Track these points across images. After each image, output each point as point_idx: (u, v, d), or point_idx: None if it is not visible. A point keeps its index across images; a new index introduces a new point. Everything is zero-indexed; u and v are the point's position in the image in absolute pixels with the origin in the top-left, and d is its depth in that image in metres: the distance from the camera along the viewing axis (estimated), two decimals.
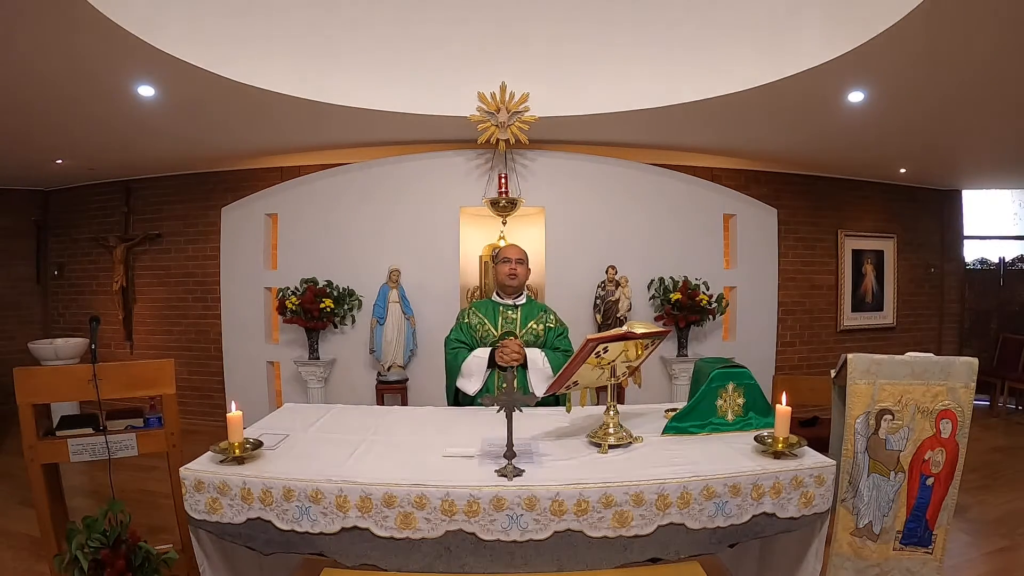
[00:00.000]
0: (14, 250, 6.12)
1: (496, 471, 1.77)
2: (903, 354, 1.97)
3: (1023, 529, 3.25)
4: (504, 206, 4.57)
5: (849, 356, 1.96)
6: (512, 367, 2.66)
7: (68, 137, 4.52)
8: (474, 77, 4.21)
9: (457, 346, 2.78)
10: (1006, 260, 6.86)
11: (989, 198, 6.99)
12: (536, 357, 2.70)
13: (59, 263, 6.20)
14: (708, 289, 4.92)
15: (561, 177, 5.01)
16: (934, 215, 6.70)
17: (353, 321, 4.89)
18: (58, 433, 2.60)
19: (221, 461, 1.85)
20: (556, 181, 4.99)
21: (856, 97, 3.81)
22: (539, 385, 2.61)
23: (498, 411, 1.82)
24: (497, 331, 2.79)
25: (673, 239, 5.15)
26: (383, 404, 4.63)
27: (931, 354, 1.97)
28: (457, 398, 2.80)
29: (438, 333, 4.22)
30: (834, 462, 1.91)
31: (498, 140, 4.45)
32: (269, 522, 1.74)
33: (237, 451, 1.86)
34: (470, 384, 2.68)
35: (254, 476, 1.76)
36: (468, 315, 2.88)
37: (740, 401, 2.21)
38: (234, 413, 1.91)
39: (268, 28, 3.58)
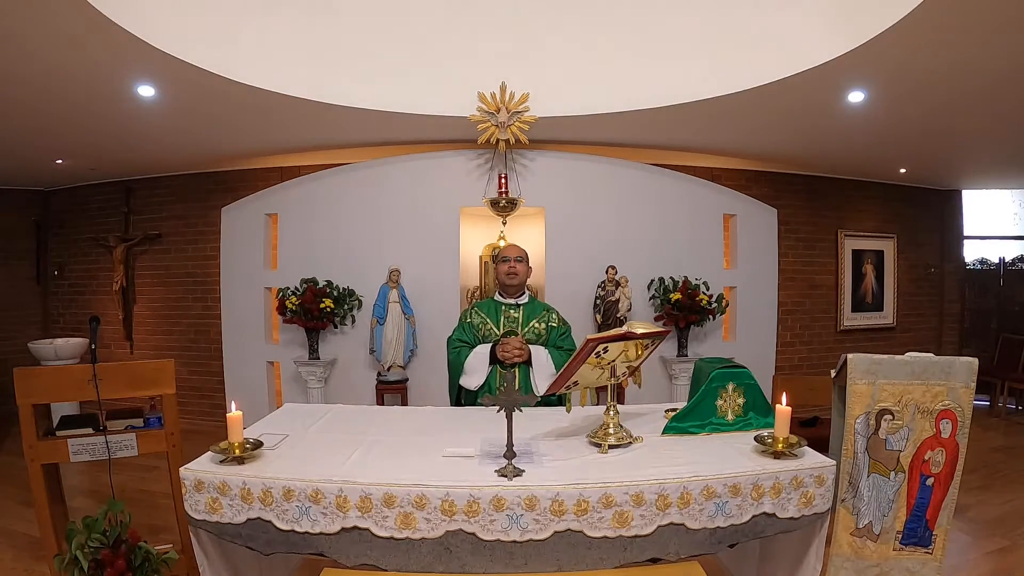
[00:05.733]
0: (14, 250, 6.11)
1: (496, 471, 1.77)
2: (903, 354, 1.97)
3: (1023, 529, 3.25)
4: (504, 206, 4.57)
5: (849, 356, 1.95)
6: (514, 365, 2.68)
7: (68, 137, 4.52)
8: (474, 77, 4.21)
9: (459, 345, 2.79)
10: (1006, 260, 6.86)
11: (989, 198, 6.99)
12: (540, 355, 2.71)
13: (59, 263, 6.19)
14: (708, 289, 4.92)
15: (561, 177, 5.01)
16: (934, 215, 6.70)
17: (353, 321, 4.89)
18: (58, 433, 2.59)
19: (221, 461, 1.85)
20: (556, 181, 4.99)
21: (856, 97, 3.81)
22: (543, 383, 2.61)
23: (498, 411, 1.82)
24: (499, 330, 2.80)
25: (673, 239, 5.15)
26: (383, 404, 4.63)
27: (931, 354, 1.97)
28: (459, 398, 2.81)
29: (438, 333, 4.23)
30: (834, 462, 1.91)
31: (498, 140, 4.45)
32: (269, 522, 1.74)
33: (237, 451, 1.86)
34: (472, 380, 2.70)
35: (254, 476, 1.76)
36: (470, 315, 2.88)
37: (740, 401, 2.21)
38: (234, 413, 1.91)
39: (268, 28, 3.58)
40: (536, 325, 2.83)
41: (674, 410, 2.31)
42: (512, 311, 2.86)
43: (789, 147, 5.24)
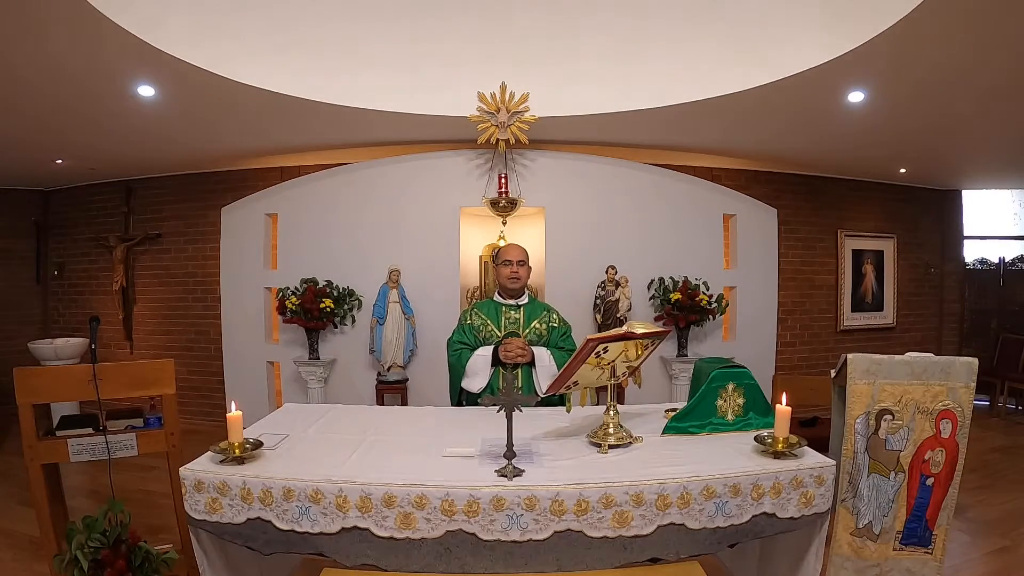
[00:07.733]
0: (14, 250, 6.11)
1: (496, 471, 1.77)
2: (903, 354, 1.97)
3: (1023, 529, 3.25)
4: (504, 206, 4.57)
5: (849, 356, 1.96)
6: (517, 366, 2.68)
7: (68, 137, 4.52)
8: (474, 77, 4.21)
9: (459, 347, 2.78)
10: (1006, 260, 6.86)
11: (989, 198, 6.99)
12: (543, 355, 2.70)
13: (59, 263, 6.20)
14: (708, 289, 4.92)
15: (561, 177, 5.01)
16: (934, 215, 6.70)
17: (353, 321, 4.89)
18: (58, 433, 2.60)
19: (221, 461, 1.85)
20: (556, 181, 4.99)
21: (856, 97, 3.81)
22: (545, 383, 2.61)
23: (498, 411, 1.82)
24: (500, 331, 2.79)
25: (673, 239, 5.15)
26: (383, 404, 4.63)
27: (931, 354, 1.97)
28: (460, 399, 2.81)
29: (438, 333, 4.23)
30: (834, 462, 1.91)
31: (498, 140, 4.45)
32: (269, 522, 1.74)
33: (237, 451, 1.86)
34: (475, 382, 2.69)
35: (254, 476, 1.76)
36: (470, 316, 2.87)
37: (740, 401, 2.21)
38: (234, 413, 1.91)
39: (268, 28, 3.58)
40: (537, 326, 2.83)
41: (674, 410, 2.31)
42: (512, 312, 2.85)
43: (789, 147, 5.24)
